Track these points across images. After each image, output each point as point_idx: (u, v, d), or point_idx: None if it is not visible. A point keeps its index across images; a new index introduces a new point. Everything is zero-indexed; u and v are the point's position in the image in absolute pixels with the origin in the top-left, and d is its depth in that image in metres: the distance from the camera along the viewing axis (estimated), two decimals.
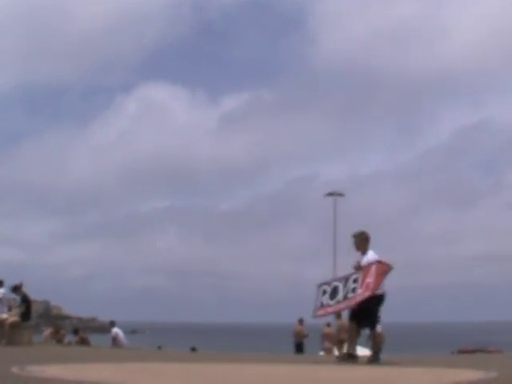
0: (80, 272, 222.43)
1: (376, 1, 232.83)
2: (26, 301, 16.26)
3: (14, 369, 7.92)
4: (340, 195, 39.34)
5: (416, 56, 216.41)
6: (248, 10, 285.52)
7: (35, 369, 8.10)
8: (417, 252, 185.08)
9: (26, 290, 16.43)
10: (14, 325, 15.73)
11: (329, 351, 21.67)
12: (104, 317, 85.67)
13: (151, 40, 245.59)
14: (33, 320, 17.52)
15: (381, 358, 10.59)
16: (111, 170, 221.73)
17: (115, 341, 20.99)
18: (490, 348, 37.75)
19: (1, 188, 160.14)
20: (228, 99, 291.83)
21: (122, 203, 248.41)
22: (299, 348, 23.49)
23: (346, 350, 11.11)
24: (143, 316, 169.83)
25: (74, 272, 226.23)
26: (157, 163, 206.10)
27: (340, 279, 11.10)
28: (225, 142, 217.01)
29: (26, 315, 16.12)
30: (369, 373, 9.16)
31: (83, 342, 20.90)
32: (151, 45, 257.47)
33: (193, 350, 22.74)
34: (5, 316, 15.87)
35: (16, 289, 16.26)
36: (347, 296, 10.63)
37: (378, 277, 10.33)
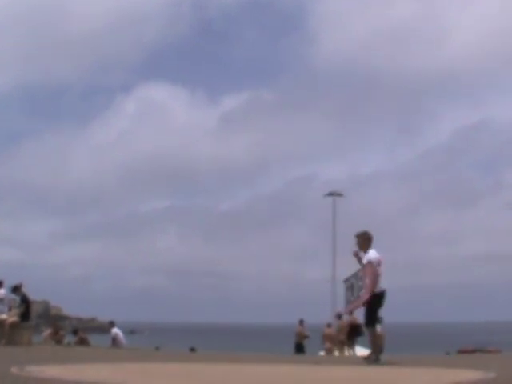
0: (80, 272, 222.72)
1: (376, 1, 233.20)
2: (26, 301, 16.26)
3: (14, 369, 7.92)
4: (339, 195, 39.36)
5: (416, 56, 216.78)
6: (248, 10, 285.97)
7: (34, 369, 8.09)
8: (417, 252, 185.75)
9: (26, 291, 16.43)
10: (14, 325, 15.73)
11: (329, 352, 21.68)
12: (103, 317, 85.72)
13: (151, 40, 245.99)
14: (32, 320, 17.52)
15: (380, 359, 10.52)
16: (111, 170, 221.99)
17: (115, 341, 20.98)
18: (490, 348, 37.75)
19: (1, 188, 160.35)
20: (228, 99, 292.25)
21: (122, 203, 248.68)
22: (300, 348, 23.52)
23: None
24: (143, 316, 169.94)
25: (74, 272, 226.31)
26: (157, 163, 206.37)
27: (356, 276, 11.36)
28: (225, 142, 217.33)
29: (26, 315, 16.11)
30: (369, 373, 9.15)
31: (83, 343, 20.89)
32: (151, 44, 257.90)
33: (192, 351, 22.71)
34: (4, 316, 15.87)
35: (15, 289, 16.26)
36: (359, 295, 11.07)
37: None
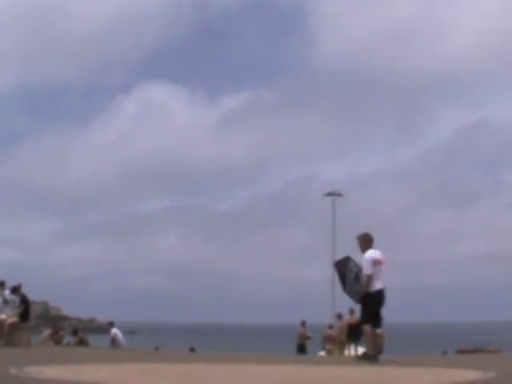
0: (79, 272, 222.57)
1: (376, 1, 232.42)
2: (25, 302, 16.26)
3: (13, 370, 7.91)
4: (339, 195, 39.36)
5: (416, 56, 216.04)
6: (248, 10, 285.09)
7: (34, 370, 8.08)
8: (417, 252, 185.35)
9: (25, 291, 16.43)
10: (13, 325, 15.72)
11: (330, 353, 21.70)
12: (103, 317, 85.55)
13: (151, 40, 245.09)
14: (32, 321, 17.52)
15: (378, 359, 10.53)
16: (111, 170, 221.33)
17: (114, 341, 20.96)
18: (489, 348, 37.73)
19: (1, 188, 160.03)
20: (228, 99, 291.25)
21: (122, 203, 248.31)
22: (302, 349, 23.63)
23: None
24: (142, 316, 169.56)
25: (74, 272, 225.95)
26: (157, 163, 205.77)
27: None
28: (224, 142, 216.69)
29: (25, 316, 16.11)
30: (369, 373, 9.14)
31: (82, 343, 20.88)
32: (151, 44, 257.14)
33: (192, 351, 22.71)
34: (4, 317, 15.86)
35: (15, 290, 16.26)
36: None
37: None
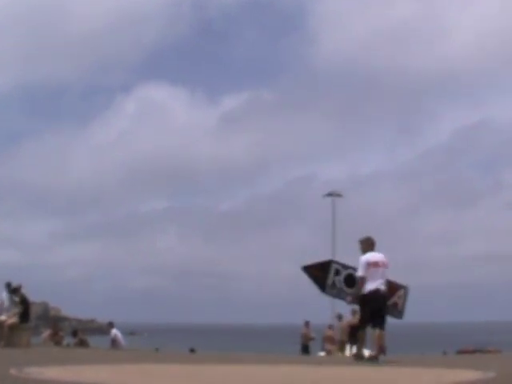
0: (79, 273, 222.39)
1: (376, 1, 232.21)
2: (25, 302, 16.25)
3: (13, 370, 7.90)
4: (338, 195, 39.36)
5: (416, 56, 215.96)
6: (248, 10, 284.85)
7: (34, 370, 8.08)
8: (417, 252, 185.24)
9: (25, 292, 16.42)
10: (13, 326, 15.71)
11: (329, 353, 21.71)
12: (103, 318, 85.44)
13: (151, 40, 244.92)
14: (31, 322, 17.50)
15: (378, 359, 10.63)
16: (111, 170, 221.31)
17: (114, 342, 20.95)
18: (490, 348, 37.73)
19: (1, 188, 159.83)
20: (228, 99, 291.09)
21: (122, 203, 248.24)
22: (305, 350, 23.72)
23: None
24: (143, 317, 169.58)
25: (73, 273, 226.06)
26: (157, 163, 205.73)
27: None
28: (225, 142, 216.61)
29: (25, 317, 16.10)
30: (369, 373, 9.14)
31: (82, 344, 20.86)
32: (151, 45, 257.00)
33: (191, 351, 22.70)
34: (3, 318, 15.85)
35: (15, 290, 16.25)
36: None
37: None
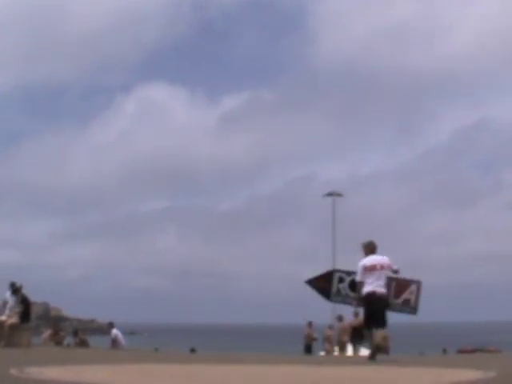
0: (79, 272, 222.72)
1: (376, 1, 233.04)
2: (26, 302, 16.26)
3: (13, 370, 7.91)
4: (339, 195, 39.38)
5: (416, 56, 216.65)
6: (248, 10, 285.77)
7: (34, 370, 8.09)
8: (417, 252, 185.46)
9: (26, 292, 16.43)
10: (14, 326, 15.72)
11: (329, 353, 21.76)
12: (103, 318, 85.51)
13: (151, 40, 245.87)
14: (32, 322, 17.50)
15: (375, 359, 10.78)
16: (111, 170, 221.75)
17: (114, 342, 20.95)
18: (490, 347, 37.74)
19: (1, 188, 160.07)
20: (228, 99, 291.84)
21: (122, 203, 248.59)
22: (308, 350, 23.80)
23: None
24: (143, 317, 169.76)
25: (74, 273, 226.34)
26: (157, 163, 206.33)
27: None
28: (224, 142, 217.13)
29: (26, 317, 16.11)
30: (369, 372, 9.15)
31: (82, 344, 20.87)
32: (151, 45, 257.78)
33: (192, 351, 22.72)
34: (4, 318, 15.86)
35: (15, 290, 16.25)
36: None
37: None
